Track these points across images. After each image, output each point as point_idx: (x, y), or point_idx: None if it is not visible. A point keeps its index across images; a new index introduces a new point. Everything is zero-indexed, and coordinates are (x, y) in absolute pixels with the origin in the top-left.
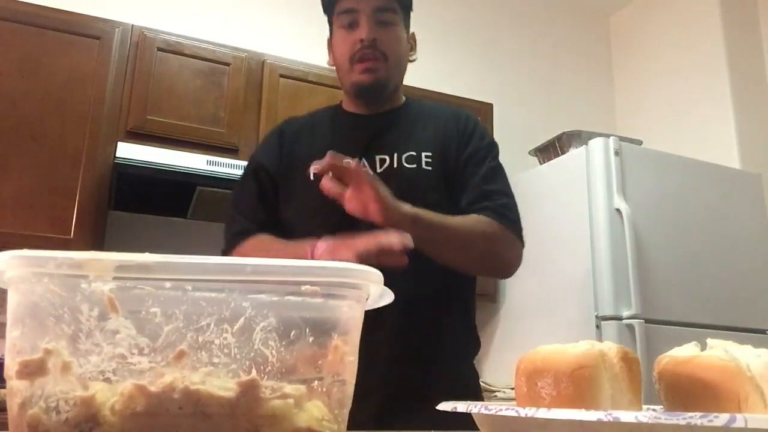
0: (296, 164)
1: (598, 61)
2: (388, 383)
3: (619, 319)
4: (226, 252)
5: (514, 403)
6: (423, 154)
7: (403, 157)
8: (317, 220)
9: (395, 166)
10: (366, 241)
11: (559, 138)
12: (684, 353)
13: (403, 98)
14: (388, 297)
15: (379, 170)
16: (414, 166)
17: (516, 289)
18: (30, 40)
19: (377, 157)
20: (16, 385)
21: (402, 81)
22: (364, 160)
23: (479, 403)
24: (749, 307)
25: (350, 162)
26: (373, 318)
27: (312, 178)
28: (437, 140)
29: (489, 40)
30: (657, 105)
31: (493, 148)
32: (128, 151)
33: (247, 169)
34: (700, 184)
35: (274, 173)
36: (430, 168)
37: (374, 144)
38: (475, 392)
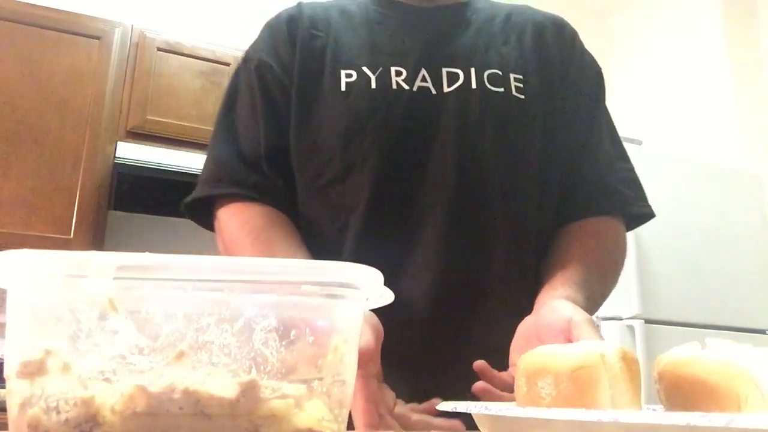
0: (321, 63)
1: (598, 61)
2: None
3: (619, 319)
4: (188, 208)
5: (514, 403)
6: (512, 76)
7: (486, 75)
8: (353, 151)
9: (474, 86)
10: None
11: None
12: (684, 353)
13: None
14: (388, 297)
15: (447, 89)
16: (501, 90)
17: None
18: (30, 40)
19: (444, 71)
20: (16, 385)
21: None
22: (424, 72)
23: (479, 403)
24: (749, 307)
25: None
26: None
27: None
28: (527, 57)
29: None
30: (657, 105)
31: (602, 80)
32: (128, 151)
33: (236, 78)
34: (700, 184)
35: (285, 74)
36: (522, 96)
37: (438, 50)
38: None
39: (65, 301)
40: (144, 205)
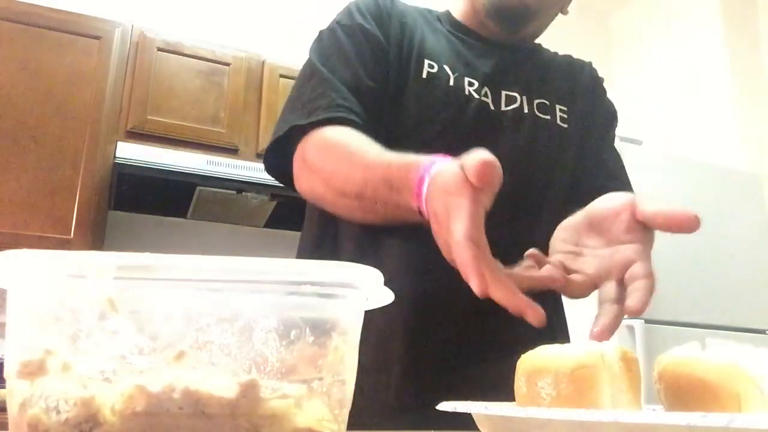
0: (409, 48)
1: (598, 60)
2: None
3: None
4: (280, 141)
5: (515, 403)
6: (557, 107)
7: (535, 103)
8: (423, 133)
9: (526, 110)
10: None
11: None
12: (684, 353)
13: (537, 43)
14: (388, 297)
15: (504, 108)
16: (548, 117)
17: None
18: (30, 40)
19: (503, 93)
20: (16, 385)
21: (547, 24)
22: (486, 89)
23: (479, 403)
24: (749, 307)
25: None
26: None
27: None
28: (570, 94)
29: None
30: (657, 105)
31: (616, 118)
32: (128, 151)
33: (332, 33)
34: (700, 184)
35: (385, 49)
36: (565, 125)
37: (501, 75)
38: None
39: (65, 301)
40: (144, 205)
